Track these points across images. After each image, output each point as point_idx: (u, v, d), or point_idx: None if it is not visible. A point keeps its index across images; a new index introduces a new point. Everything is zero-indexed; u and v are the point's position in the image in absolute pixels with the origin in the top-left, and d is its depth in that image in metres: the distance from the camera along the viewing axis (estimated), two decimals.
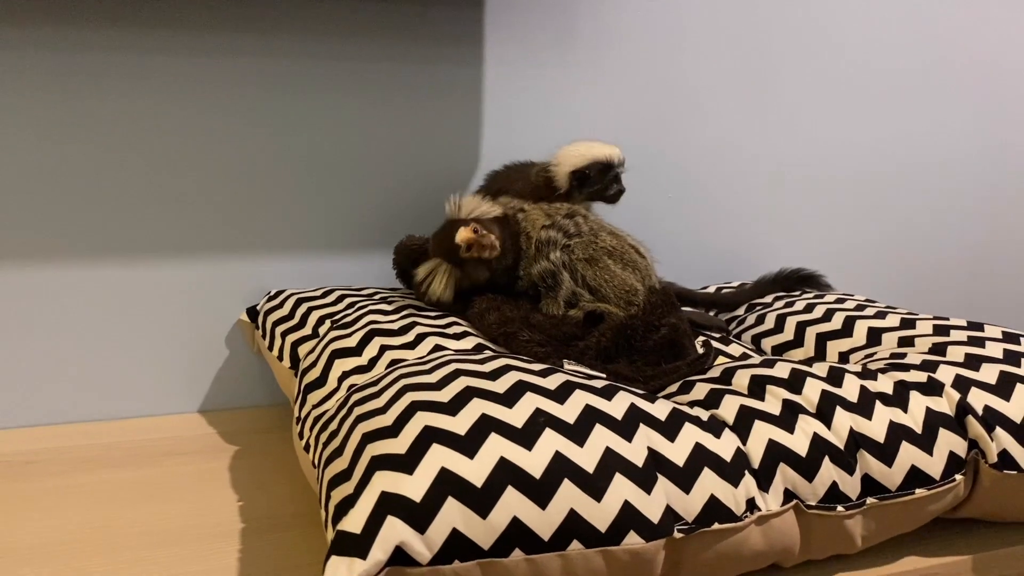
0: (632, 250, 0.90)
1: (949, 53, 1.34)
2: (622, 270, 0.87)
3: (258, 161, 1.03)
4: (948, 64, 1.35)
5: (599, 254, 0.87)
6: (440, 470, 0.54)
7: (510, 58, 1.11)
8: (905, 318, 0.87)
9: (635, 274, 0.88)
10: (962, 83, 1.36)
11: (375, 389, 0.65)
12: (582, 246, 0.88)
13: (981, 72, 1.37)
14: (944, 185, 1.40)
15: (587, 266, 0.87)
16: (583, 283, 0.87)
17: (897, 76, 1.32)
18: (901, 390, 0.70)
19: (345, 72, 1.04)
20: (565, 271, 0.87)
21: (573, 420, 0.59)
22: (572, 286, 0.86)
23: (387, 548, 0.51)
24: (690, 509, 0.59)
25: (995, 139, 1.41)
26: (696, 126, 1.22)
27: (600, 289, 0.86)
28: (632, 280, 0.87)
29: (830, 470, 0.64)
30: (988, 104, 1.39)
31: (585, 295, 0.86)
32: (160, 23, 0.97)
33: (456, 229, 0.84)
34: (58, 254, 0.97)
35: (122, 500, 0.80)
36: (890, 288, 1.40)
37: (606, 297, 0.86)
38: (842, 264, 1.36)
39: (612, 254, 0.88)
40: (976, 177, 1.42)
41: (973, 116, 1.39)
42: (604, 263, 0.87)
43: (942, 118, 1.37)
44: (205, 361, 1.05)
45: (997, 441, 0.68)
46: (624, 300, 0.86)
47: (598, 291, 0.86)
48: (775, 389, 0.69)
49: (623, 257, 0.88)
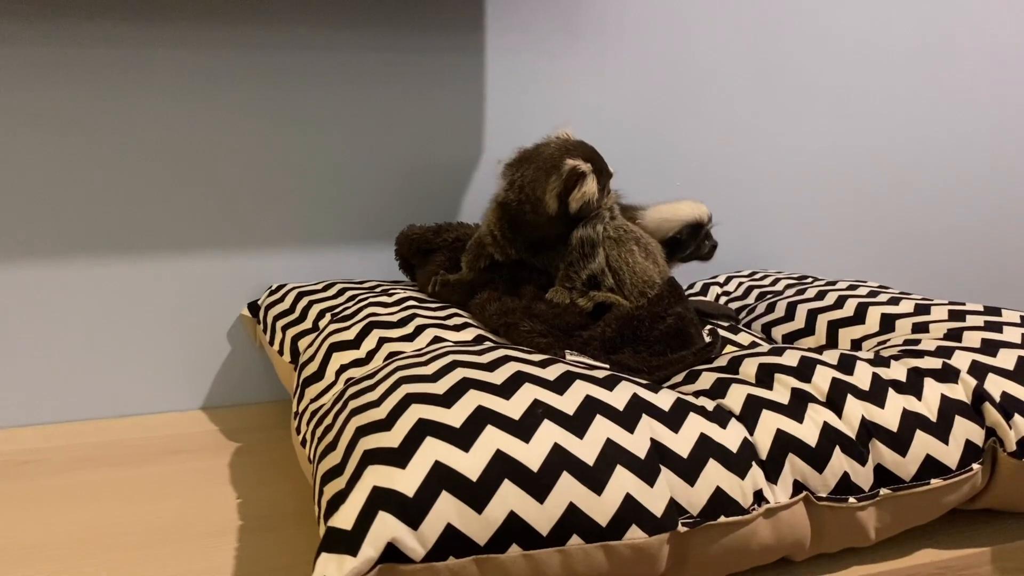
0: (654, 245, 0.88)
1: (959, 47, 1.31)
2: (644, 259, 0.85)
3: (259, 155, 1.02)
4: (959, 59, 1.31)
5: (627, 238, 0.85)
6: (434, 464, 0.52)
7: (513, 47, 1.09)
8: (920, 304, 0.85)
9: (655, 267, 0.86)
10: (971, 80, 1.33)
11: (371, 382, 0.64)
12: (613, 227, 0.86)
13: (994, 68, 1.34)
14: (952, 184, 1.36)
15: (613, 245, 0.85)
16: (606, 262, 0.84)
17: (912, 70, 1.29)
18: (915, 377, 0.68)
19: (344, 63, 1.03)
20: (601, 246, 0.85)
21: (573, 411, 0.58)
22: (603, 263, 0.84)
23: (378, 545, 0.49)
24: (695, 502, 0.57)
25: (1007, 141, 1.38)
26: (703, 115, 1.20)
27: (620, 272, 0.84)
28: (652, 271, 0.85)
29: (841, 460, 0.62)
30: (1001, 104, 1.36)
31: (608, 278, 0.84)
32: (159, 16, 0.95)
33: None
34: (59, 251, 0.96)
35: (122, 498, 0.79)
36: (896, 284, 1.38)
37: (623, 282, 0.84)
38: (846, 257, 1.33)
39: (639, 241, 0.86)
40: (986, 177, 1.38)
41: (983, 115, 1.35)
42: (630, 247, 0.85)
43: (953, 116, 1.33)
44: (207, 358, 1.04)
45: (1016, 429, 0.66)
46: (639, 290, 0.84)
47: (618, 274, 0.84)
48: (784, 378, 0.66)
49: (647, 247, 0.86)
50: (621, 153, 1.16)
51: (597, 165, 0.81)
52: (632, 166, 1.17)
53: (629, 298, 0.83)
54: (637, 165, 1.18)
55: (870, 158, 1.30)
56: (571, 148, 0.82)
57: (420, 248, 0.97)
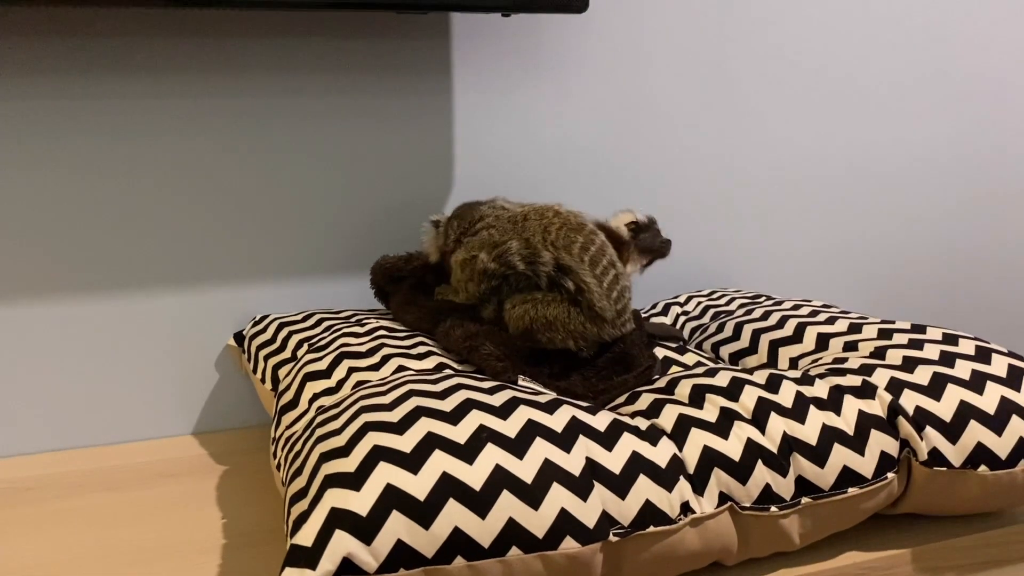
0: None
1: (925, 58, 1.37)
2: (471, 251, 0.91)
3: (244, 195, 1.09)
4: (924, 69, 1.38)
5: (469, 245, 0.92)
6: (385, 486, 0.59)
7: (479, 86, 1.16)
8: (853, 323, 0.91)
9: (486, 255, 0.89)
10: (940, 87, 1.40)
11: (336, 411, 0.70)
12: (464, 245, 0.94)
13: (960, 77, 1.40)
14: (920, 189, 1.43)
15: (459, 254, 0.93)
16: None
17: (866, 81, 1.35)
18: (836, 394, 0.74)
19: (321, 105, 1.10)
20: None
21: (515, 434, 0.64)
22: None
23: (335, 559, 0.55)
24: (626, 514, 0.64)
25: (974, 143, 1.44)
26: (664, 142, 1.26)
27: (455, 272, 0.93)
28: (475, 264, 0.89)
29: (763, 473, 0.68)
30: (967, 109, 1.42)
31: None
32: (143, 67, 1.02)
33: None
34: (52, 286, 1.03)
35: (115, 521, 0.86)
36: (865, 293, 1.44)
37: (457, 281, 0.93)
38: (815, 270, 1.39)
39: (468, 246, 0.92)
40: (954, 181, 1.45)
41: (951, 121, 1.42)
42: (464, 250, 0.92)
43: (917, 123, 1.40)
44: (196, 385, 1.11)
45: (927, 440, 0.72)
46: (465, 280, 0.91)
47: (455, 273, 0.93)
48: (714, 397, 0.73)
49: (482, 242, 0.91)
50: (582, 183, 1.23)
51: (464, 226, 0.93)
52: (594, 195, 1.24)
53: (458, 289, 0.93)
54: (599, 194, 1.24)
55: (831, 175, 1.37)
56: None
57: (392, 277, 1.04)
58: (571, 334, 0.83)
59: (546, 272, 0.83)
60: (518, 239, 0.86)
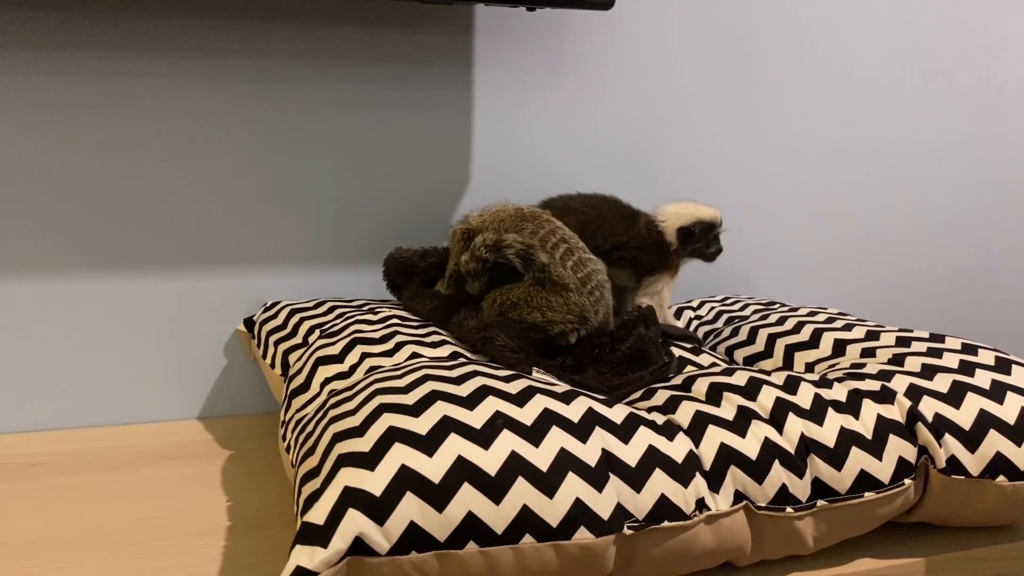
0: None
1: (940, 57, 1.37)
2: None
3: (258, 180, 1.08)
4: (938, 68, 1.38)
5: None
6: (400, 467, 0.58)
7: (500, 81, 1.16)
8: (871, 330, 0.90)
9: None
10: (953, 88, 1.39)
11: (350, 393, 0.69)
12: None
13: (973, 77, 1.40)
14: (933, 191, 1.42)
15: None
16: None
17: (882, 81, 1.35)
18: (854, 398, 0.73)
19: (340, 94, 1.09)
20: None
21: (531, 422, 0.63)
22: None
23: (347, 538, 0.54)
24: (640, 507, 0.63)
25: (986, 145, 1.44)
26: (684, 140, 1.26)
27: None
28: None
29: (780, 473, 0.67)
30: (981, 110, 1.42)
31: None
32: (162, 48, 1.02)
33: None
34: (66, 267, 1.03)
35: (118, 499, 0.85)
36: (875, 295, 1.43)
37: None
38: (826, 270, 1.39)
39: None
40: (967, 183, 1.44)
41: (964, 121, 1.41)
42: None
43: (932, 123, 1.39)
44: (204, 370, 1.10)
45: (946, 447, 0.71)
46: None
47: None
48: (731, 396, 0.72)
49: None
50: (602, 181, 1.22)
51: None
52: (615, 192, 1.23)
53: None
54: (619, 191, 1.24)
55: (850, 176, 1.36)
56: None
57: (406, 271, 1.03)
58: (537, 308, 0.85)
59: (514, 253, 0.86)
60: (485, 234, 0.90)
